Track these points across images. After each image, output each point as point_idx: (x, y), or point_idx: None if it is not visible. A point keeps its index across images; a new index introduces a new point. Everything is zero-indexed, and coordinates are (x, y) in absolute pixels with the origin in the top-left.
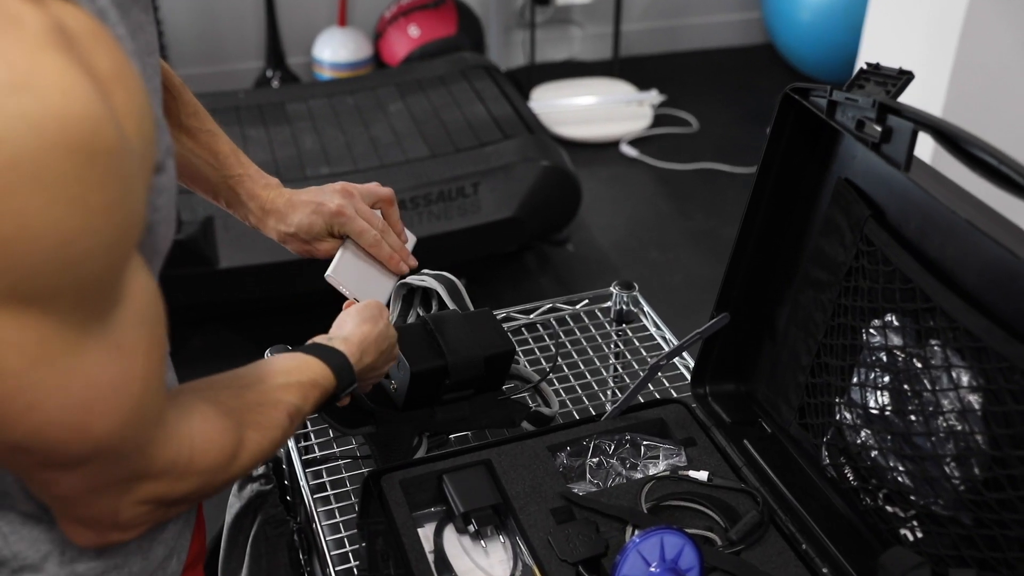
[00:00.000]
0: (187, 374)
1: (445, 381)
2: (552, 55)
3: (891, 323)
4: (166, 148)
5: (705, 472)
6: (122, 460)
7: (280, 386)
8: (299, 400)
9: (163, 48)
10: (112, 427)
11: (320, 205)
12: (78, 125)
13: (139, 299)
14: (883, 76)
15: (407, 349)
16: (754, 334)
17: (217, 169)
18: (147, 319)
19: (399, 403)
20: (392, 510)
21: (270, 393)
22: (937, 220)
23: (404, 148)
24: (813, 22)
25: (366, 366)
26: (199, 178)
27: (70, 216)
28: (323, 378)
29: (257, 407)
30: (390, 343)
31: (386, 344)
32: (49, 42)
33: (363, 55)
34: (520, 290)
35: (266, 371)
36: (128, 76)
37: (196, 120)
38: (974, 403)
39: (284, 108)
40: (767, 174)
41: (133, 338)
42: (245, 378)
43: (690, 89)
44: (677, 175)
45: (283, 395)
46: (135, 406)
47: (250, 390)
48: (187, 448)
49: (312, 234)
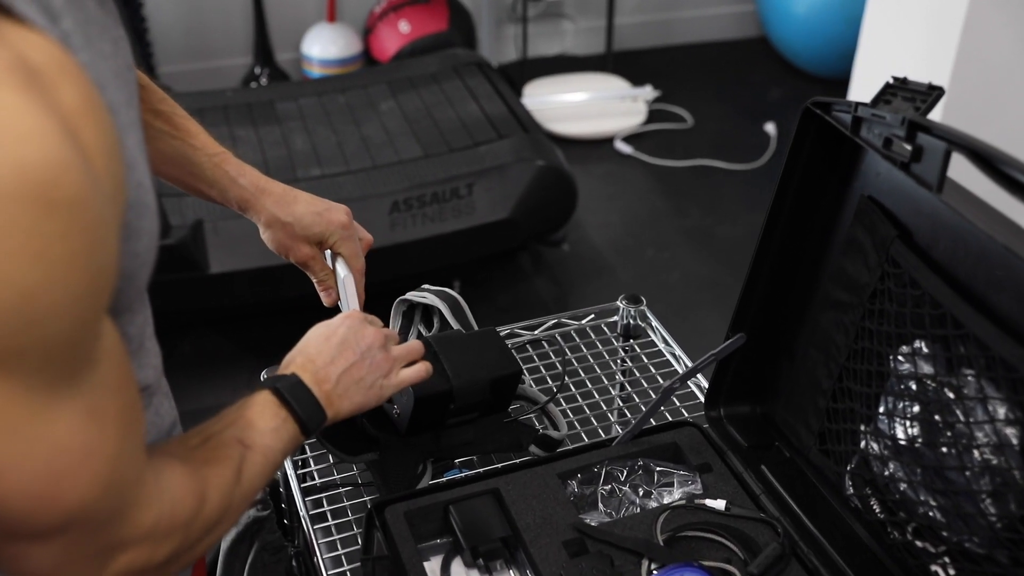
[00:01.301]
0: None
1: (450, 405)
2: (544, 50)
3: (920, 350)
4: (136, 184)
5: (722, 501)
6: (100, 529)
7: (223, 424)
8: (244, 429)
9: (148, 45)
10: (85, 496)
11: (328, 211)
12: (37, 173)
13: (113, 357)
14: (911, 91)
15: None
16: (771, 355)
17: (199, 148)
18: (119, 378)
19: (402, 428)
20: (397, 543)
21: (214, 433)
22: (969, 243)
23: (397, 148)
24: (808, 15)
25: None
26: (180, 161)
27: (31, 270)
28: (262, 398)
29: (203, 446)
30: (363, 344)
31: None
32: (7, 81)
33: (353, 51)
34: (515, 292)
35: (206, 425)
36: (97, 109)
37: (167, 105)
38: (1012, 437)
39: (273, 107)
40: (786, 190)
41: (106, 400)
42: (191, 431)
43: (684, 84)
44: (672, 172)
45: (226, 428)
46: (109, 472)
47: (193, 436)
48: (167, 505)
49: (306, 233)
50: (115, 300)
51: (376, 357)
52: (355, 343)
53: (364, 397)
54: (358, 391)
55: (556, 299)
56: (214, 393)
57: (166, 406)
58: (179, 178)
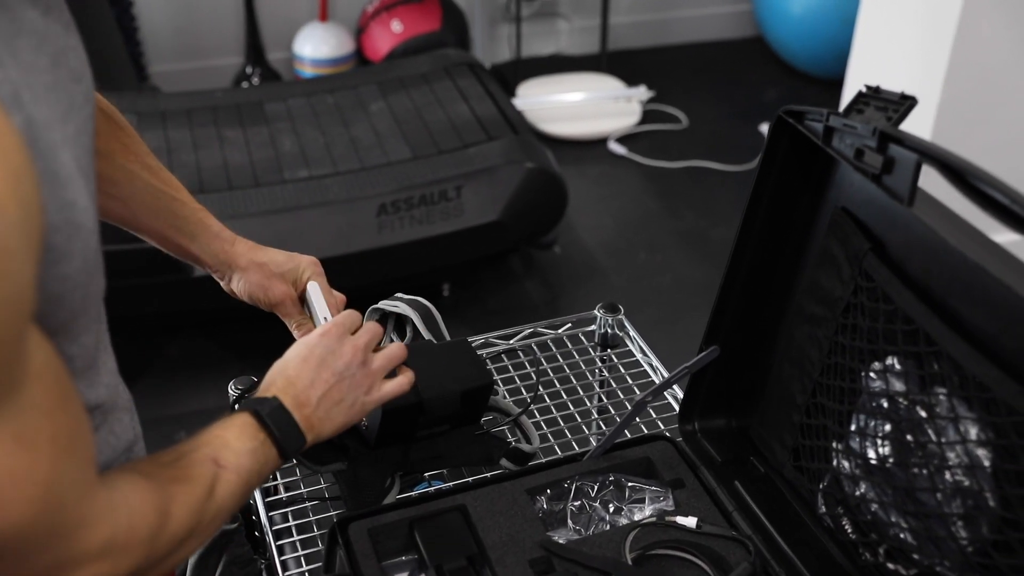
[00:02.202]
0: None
1: (419, 418)
2: (538, 49)
3: (892, 367)
4: (66, 204)
5: (694, 518)
6: (41, 551)
7: (198, 443)
8: (219, 449)
9: (139, 44)
10: (17, 520)
11: (297, 255)
12: None
13: (45, 378)
14: (884, 100)
15: None
16: (746, 368)
17: (185, 204)
18: (53, 400)
19: (370, 441)
20: (359, 561)
21: (187, 451)
22: (943, 257)
23: (385, 150)
24: (804, 15)
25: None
26: (165, 214)
27: None
28: (241, 419)
29: (174, 464)
30: (341, 363)
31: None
32: None
33: (345, 51)
34: (505, 294)
35: (182, 443)
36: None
37: (153, 160)
38: (983, 458)
39: (262, 108)
40: (759, 200)
41: (37, 423)
42: (167, 450)
43: (679, 84)
44: (666, 173)
45: (201, 447)
46: (43, 496)
47: (166, 454)
48: (124, 520)
49: (280, 270)
50: (45, 322)
51: (356, 376)
52: (333, 363)
53: (346, 417)
54: (339, 412)
55: (547, 302)
56: (200, 396)
57: (125, 422)
58: (160, 231)
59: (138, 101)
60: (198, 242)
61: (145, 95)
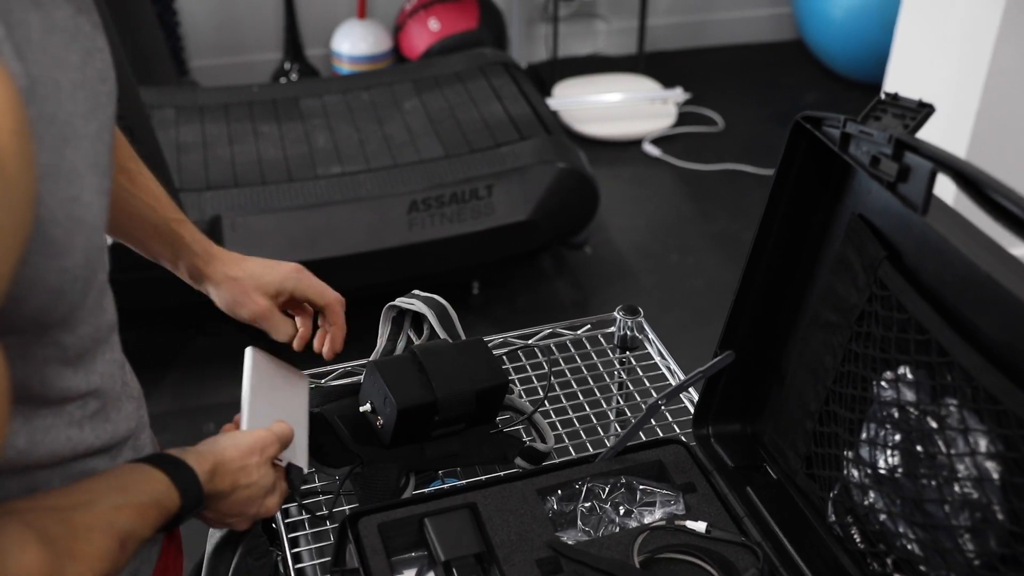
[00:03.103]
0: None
1: (434, 417)
2: (576, 49)
3: (904, 376)
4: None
5: (703, 523)
6: None
7: (114, 507)
8: (134, 524)
9: (180, 39)
10: None
11: (277, 264)
12: None
13: None
14: (902, 108)
15: (394, 383)
16: (761, 374)
17: (157, 211)
18: None
19: (385, 440)
20: (368, 557)
21: (102, 516)
22: (957, 267)
23: (418, 147)
24: (845, 19)
25: (216, 494)
26: (139, 221)
27: None
28: (165, 496)
29: (85, 533)
30: (251, 490)
31: (246, 487)
32: None
33: (382, 48)
34: (535, 294)
35: (101, 489)
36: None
37: (135, 164)
38: (992, 471)
39: (298, 104)
40: (776, 205)
41: None
42: (76, 496)
43: (716, 86)
44: (701, 176)
45: (116, 518)
46: None
47: (79, 512)
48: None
49: (258, 282)
50: (45, 317)
51: (249, 508)
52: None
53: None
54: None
55: (576, 303)
56: (228, 388)
57: (128, 411)
58: (138, 237)
59: (176, 95)
60: (170, 251)
61: (184, 89)
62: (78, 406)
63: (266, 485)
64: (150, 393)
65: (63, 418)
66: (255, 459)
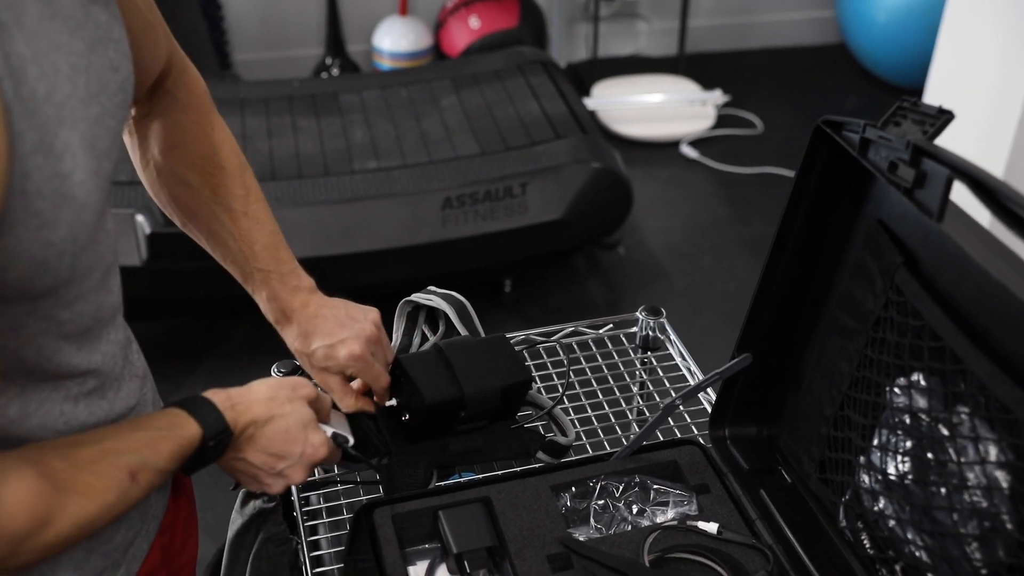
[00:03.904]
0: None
1: (460, 413)
2: (617, 49)
3: (918, 383)
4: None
5: (715, 524)
6: None
7: (122, 441)
8: (145, 455)
9: (224, 33)
10: None
11: (341, 343)
12: None
13: None
14: (921, 114)
15: (421, 378)
16: (778, 377)
17: (249, 257)
18: None
19: (412, 435)
20: (381, 547)
21: (108, 450)
22: (973, 275)
23: (454, 144)
24: (889, 22)
25: (247, 426)
26: (229, 260)
27: None
28: (180, 427)
29: (89, 465)
30: (287, 420)
31: (280, 416)
32: None
33: (423, 45)
34: (567, 293)
35: (110, 428)
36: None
37: (242, 204)
38: (1001, 480)
39: (337, 99)
40: (796, 209)
41: None
42: (83, 437)
43: (756, 89)
44: (738, 178)
45: (125, 450)
46: None
47: (85, 447)
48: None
49: (322, 366)
50: (28, 286)
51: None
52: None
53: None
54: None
55: (608, 303)
56: (261, 377)
57: (128, 389)
58: (233, 272)
59: (218, 88)
60: (258, 299)
61: (225, 82)
62: (77, 383)
63: (303, 418)
64: (184, 381)
65: (60, 392)
66: (285, 392)
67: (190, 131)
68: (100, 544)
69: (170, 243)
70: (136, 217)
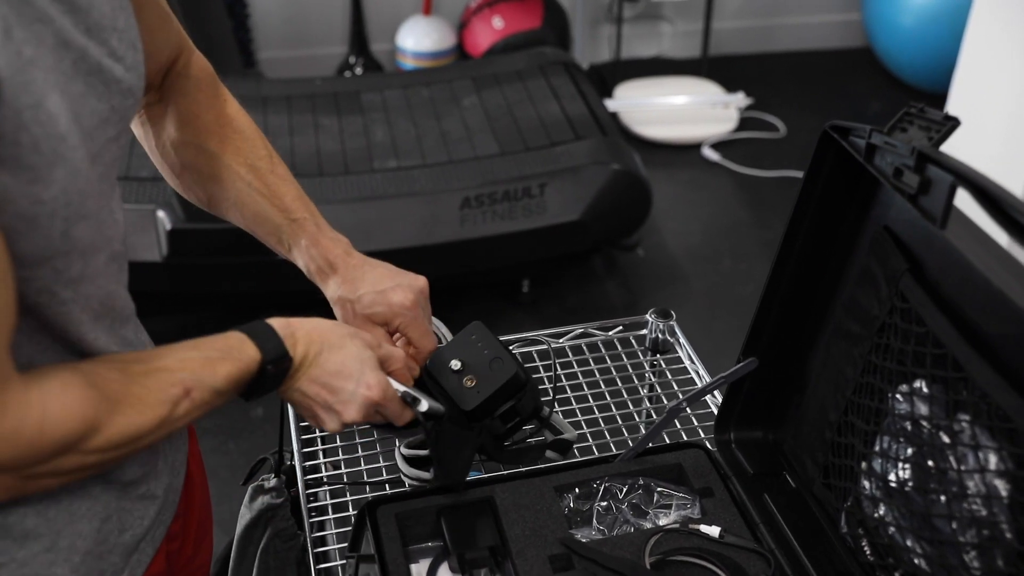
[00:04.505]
0: None
1: (508, 400)
2: (640, 51)
3: (920, 390)
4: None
5: (717, 528)
6: None
7: (177, 359)
8: (200, 374)
9: (249, 31)
10: None
11: (392, 289)
12: None
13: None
14: (928, 120)
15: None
16: (783, 382)
17: (281, 210)
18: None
19: (472, 403)
20: (384, 544)
21: (162, 366)
22: (976, 283)
23: (474, 144)
24: (916, 26)
25: (307, 352)
26: (261, 219)
27: None
28: (238, 349)
29: (143, 379)
30: (345, 352)
31: (340, 348)
32: None
33: (446, 45)
34: (585, 294)
35: (168, 347)
36: None
37: (267, 163)
38: (1001, 489)
39: (359, 98)
40: (802, 215)
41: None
42: (140, 354)
43: (780, 92)
44: (759, 182)
45: (178, 367)
46: None
47: (140, 363)
48: (36, 416)
49: (367, 312)
50: (14, 239)
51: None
52: (348, 373)
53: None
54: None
55: (626, 304)
56: None
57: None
58: (263, 237)
59: (241, 85)
60: (292, 253)
61: (248, 80)
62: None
63: (360, 355)
64: None
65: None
66: (346, 331)
67: (204, 103)
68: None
69: (190, 239)
70: (157, 213)
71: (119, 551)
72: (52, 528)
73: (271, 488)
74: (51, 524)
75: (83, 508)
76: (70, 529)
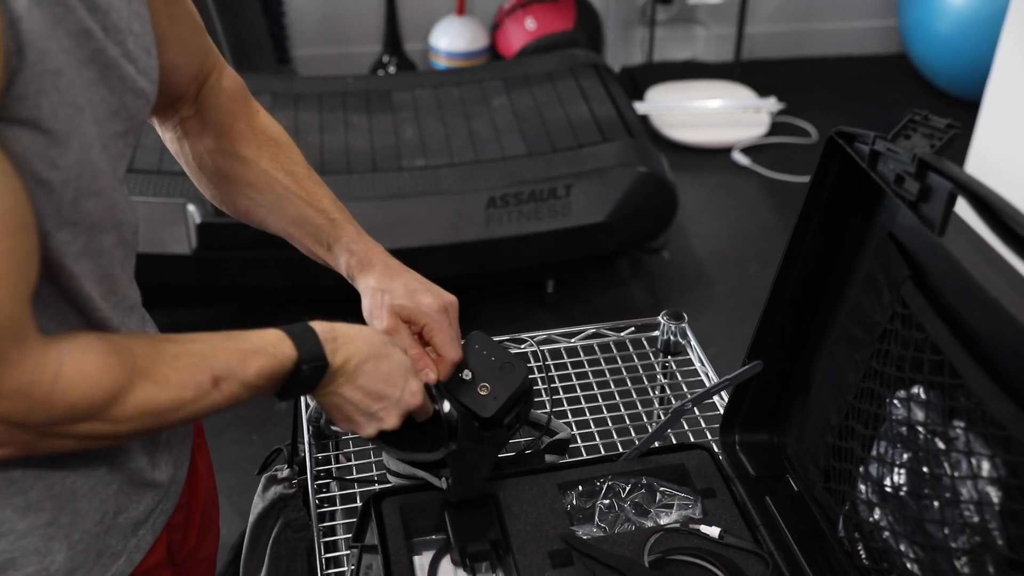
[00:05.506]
0: None
1: (517, 406)
2: (673, 54)
3: (917, 396)
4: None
5: (717, 528)
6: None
7: (212, 347)
8: (233, 365)
9: (284, 28)
10: None
11: (423, 291)
12: None
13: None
14: (931, 128)
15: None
16: (788, 385)
17: (320, 211)
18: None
19: (492, 408)
20: (387, 535)
21: (196, 351)
22: (975, 291)
23: (502, 144)
24: (952, 33)
25: (347, 359)
26: (301, 221)
27: None
28: (275, 346)
29: (171, 359)
30: (390, 361)
31: (385, 356)
32: None
33: (479, 45)
34: (609, 295)
35: (204, 334)
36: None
37: (302, 168)
38: (993, 496)
39: (390, 96)
40: (808, 221)
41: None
42: (175, 336)
43: (812, 98)
44: (788, 187)
45: (213, 355)
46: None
47: (172, 343)
48: (49, 375)
49: (393, 303)
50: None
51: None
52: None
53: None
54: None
55: (650, 307)
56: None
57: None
58: (300, 239)
59: (273, 82)
60: (332, 253)
61: (282, 77)
62: None
63: (404, 363)
64: None
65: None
66: (383, 338)
67: (237, 114)
68: (95, 526)
69: (220, 233)
70: (187, 207)
71: (117, 534)
72: (56, 504)
73: (284, 478)
74: (55, 500)
75: (87, 487)
76: (72, 506)
